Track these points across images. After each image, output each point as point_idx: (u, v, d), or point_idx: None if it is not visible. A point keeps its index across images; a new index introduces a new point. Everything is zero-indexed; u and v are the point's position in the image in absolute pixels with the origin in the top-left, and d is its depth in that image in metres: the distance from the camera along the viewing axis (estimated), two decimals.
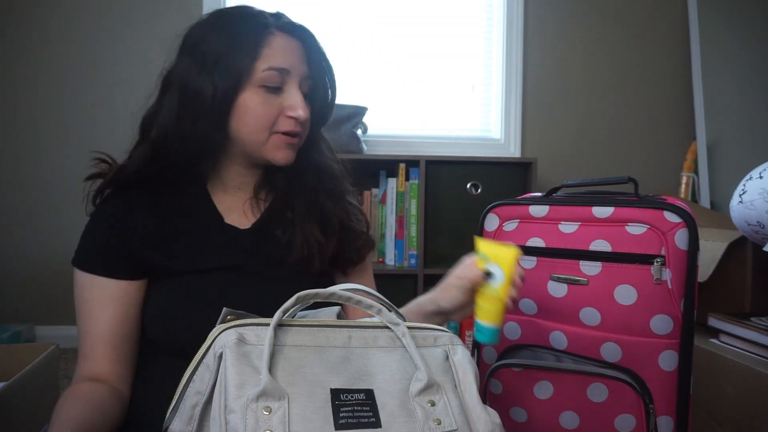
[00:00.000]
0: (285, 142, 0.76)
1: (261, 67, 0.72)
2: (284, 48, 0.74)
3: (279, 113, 0.75)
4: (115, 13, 2.22)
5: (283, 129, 0.75)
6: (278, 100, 0.75)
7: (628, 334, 0.74)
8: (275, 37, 0.74)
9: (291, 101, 0.74)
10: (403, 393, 0.55)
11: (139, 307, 0.74)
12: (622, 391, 0.73)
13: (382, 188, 2.13)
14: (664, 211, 0.72)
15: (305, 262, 0.78)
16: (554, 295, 0.80)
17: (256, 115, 0.73)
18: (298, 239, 0.78)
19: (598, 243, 0.76)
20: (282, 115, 0.75)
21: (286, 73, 0.74)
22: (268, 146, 0.76)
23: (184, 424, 0.52)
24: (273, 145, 0.76)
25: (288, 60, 0.74)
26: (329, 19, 2.33)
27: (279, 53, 0.74)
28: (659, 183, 2.38)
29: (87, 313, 0.72)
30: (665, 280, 0.72)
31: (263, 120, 0.74)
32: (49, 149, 2.22)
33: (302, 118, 0.75)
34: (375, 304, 0.60)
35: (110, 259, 0.73)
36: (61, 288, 2.19)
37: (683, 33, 2.39)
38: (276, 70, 0.73)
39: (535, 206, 0.83)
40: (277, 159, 0.76)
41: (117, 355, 0.72)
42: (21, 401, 0.97)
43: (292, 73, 0.75)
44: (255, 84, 0.73)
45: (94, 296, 0.72)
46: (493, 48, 2.41)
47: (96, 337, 0.72)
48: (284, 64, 0.74)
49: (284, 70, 0.74)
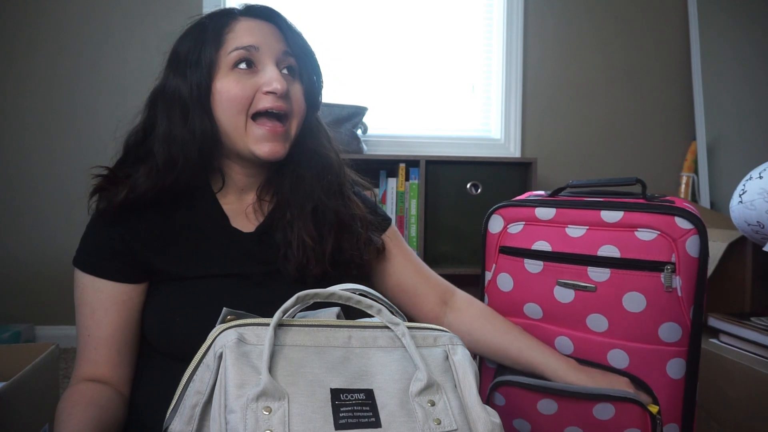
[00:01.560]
0: (267, 132, 0.73)
1: (227, 50, 0.72)
2: (250, 29, 0.74)
3: (255, 92, 0.73)
4: (114, 13, 2.22)
5: (261, 106, 0.72)
6: (254, 79, 0.73)
7: (635, 342, 0.72)
8: (239, 22, 0.74)
9: (266, 77, 0.73)
10: (403, 393, 0.54)
11: (140, 311, 0.74)
12: (629, 408, 0.70)
13: (382, 188, 2.13)
14: (675, 217, 0.70)
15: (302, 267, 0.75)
16: (561, 301, 0.78)
17: (231, 97, 0.72)
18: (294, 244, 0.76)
19: (607, 248, 0.74)
20: (259, 93, 0.73)
21: (255, 50, 0.73)
22: (249, 137, 0.73)
23: (184, 424, 0.52)
24: (254, 136, 0.73)
25: (254, 38, 0.73)
26: (329, 20, 2.33)
27: (244, 34, 0.73)
28: (659, 183, 2.38)
29: (88, 315, 0.72)
30: (675, 287, 0.70)
31: (239, 101, 0.72)
32: (49, 150, 2.22)
33: (279, 90, 0.72)
34: (375, 304, 0.60)
35: (113, 262, 0.72)
36: (61, 288, 2.19)
37: (683, 33, 2.39)
38: (242, 48, 0.72)
39: (542, 208, 0.81)
40: (261, 152, 0.73)
41: (119, 358, 0.72)
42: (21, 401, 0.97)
43: (262, 49, 0.73)
44: (226, 68, 0.73)
45: (97, 299, 0.72)
46: (493, 48, 2.41)
47: (98, 339, 0.71)
48: (250, 41, 0.73)
49: (251, 47, 0.73)
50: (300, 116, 0.78)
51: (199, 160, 0.74)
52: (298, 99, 0.77)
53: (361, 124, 2.19)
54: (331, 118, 2.02)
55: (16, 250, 2.21)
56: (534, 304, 0.81)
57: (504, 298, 0.84)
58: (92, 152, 2.20)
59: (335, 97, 2.22)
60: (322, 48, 2.30)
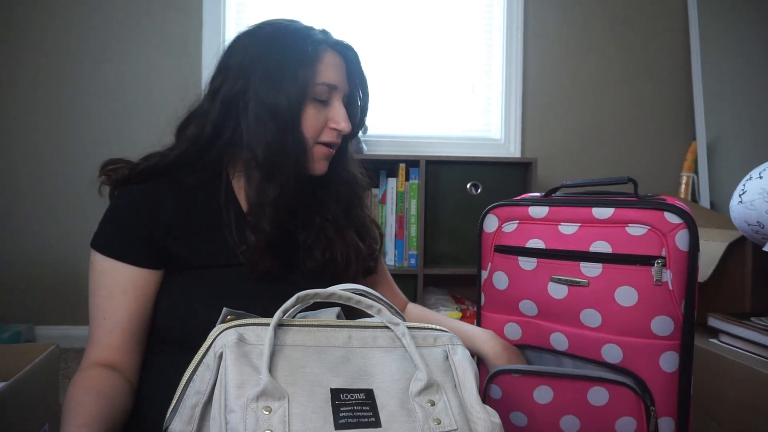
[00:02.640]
0: (324, 153, 0.81)
1: (317, 81, 0.77)
2: (334, 65, 0.80)
3: (324, 125, 0.79)
4: (114, 13, 2.22)
5: (325, 139, 0.80)
6: (324, 112, 0.79)
7: (628, 336, 0.74)
8: (327, 54, 0.79)
9: (336, 115, 0.79)
10: (403, 393, 0.55)
11: (153, 300, 0.75)
12: (622, 394, 0.72)
13: (382, 188, 2.13)
14: (665, 212, 0.72)
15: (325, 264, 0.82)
16: (555, 297, 0.80)
17: (310, 125, 0.78)
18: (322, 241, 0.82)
19: (599, 244, 0.76)
20: (326, 127, 0.80)
21: (333, 89, 0.79)
22: (313, 155, 0.80)
23: (184, 424, 0.52)
24: (317, 155, 0.80)
25: (337, 77, 0.79)
26: (329, 19, 2.33)
27: (330, 69, 0.79)
28: (659, 183, 2.39)
29: (105, 298, 0.72)
30: (666, 281, 0.72)
31: (314, 130, 0.78)
32: (49, 150, 2.22)
33: (345, 131, 0.80)
34: (375, 304, 0.60)
35: (134, 246, 0.73)
36: (61, 288, 2.19)
37: (683, 33, 2.40)
38: (327, 85, 0.78)
39: (535, 207, 0.83)
40: (315, 169, 0.81)
41: (132, 344, 0.73)
42: (21, 401, 0.97)
43: (339, 88, 0.80)
44: (310, 96, 0.77)
45: (115, 282, 0.72)
46: (493, 48, 2.41)
47: (113, 323, 0.71)
48: (334, 80, 0.79)
49: (333, 86, 0.79)
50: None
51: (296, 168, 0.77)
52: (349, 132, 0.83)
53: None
54: None
55: (16, 251, 2.21)
56: (529, 301, 0.83)
57: (500, 296, 0.86)
58: (93, 152, 2.21)
59: None
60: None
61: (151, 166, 0.77)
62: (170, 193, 0.76)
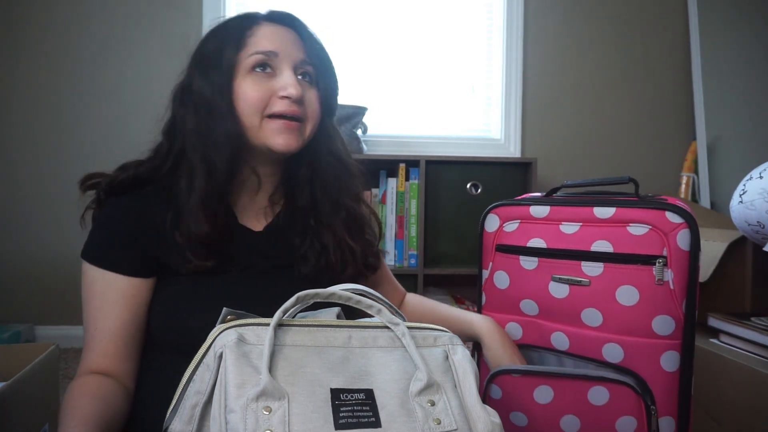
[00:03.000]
0: (280, 126, 0.76)
1: (247, 53, 0.75)
2: (270, 34, 0.77)
3: (271, 95, 0.76)
4: (114, 13, 2.22)
5: (276, 110, 0.75)
6: (270, 83, 0.76)
7: (629, 335, 0.74)
8: (261, 27, 0.77)
9: (282, 82, 0.76)
10: (403, 393, 0.55)
11: (146, 307, 0.74)
12: (623, 393, 0.72)
13: (382, 188, 2.13)
14: (666, 212, 0.72)
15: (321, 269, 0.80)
16: (556, 296, 0.80)
17: (248, 98, 0.75)
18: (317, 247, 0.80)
19: (600, 244, 0.76)
20: (274, 97, 0.76)
21: (273, 55, 0.76)
22: (264, 131, 0.76)
23: (184, 424, 0.52)
24: (269, 129, 0.76)
25: (274, 43, 0.76)
26: (329, 19, 2.33)
27: (264, 39, 0.76)
28: (659, 183, 2.38)
29: (97, 308, 0.72)
30: (667, 280, 0.72)
31: (255, 102, 0.75)
32: (49, 150, 2.22)
33: (294, 95, 0.75)
34: (375, 304, 0.60)
35: (125, 255, 0.72)
36: (60, 288, 2.19)
37: (683, 33, 2.39)
38: (261, 53, 0.75)
39: (536, 207, 0.83)
40: (276, 144, 0.76)
41: (127, 351, 0.73)
42: (21, 401, 0.97)
43: (281, 55, 0.76)
44: (245, 70, 0.75)
45: (106, 292, 0.72)
46: (493, 48, 2.41)
47: (106, 332, 0.71)
48: (269, 47, 0.76)
49: (271, 53, 0.76)
50: (314, 120, 0.81)
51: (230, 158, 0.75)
52: (312, 104, 0.79)
53: (361, 124, 2.19)
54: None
55: (17, 251, 2.21)
56: (530, 301, 0.83)
57: (500, 295, 0.86)
58: (93, 152, 2.21)
59: None
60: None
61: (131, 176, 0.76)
62: (157, 200, 0.75)
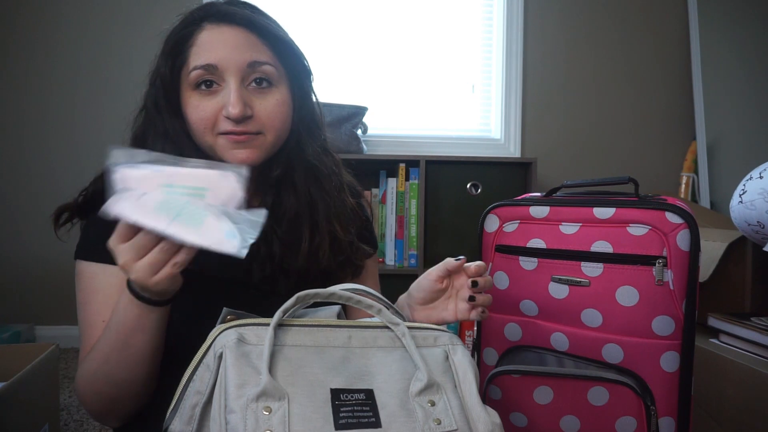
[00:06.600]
0: (231, 143, 0.69)
1: (188, 70, 0.69)
2: (211, 41, 0.68)
3: (218, 113, 0.69)
4: (114, 13, 2.22)
5: (223, 129, 0.69)
6: (215, 100, 0.69)
7: (629, 336, 0.74)
8: (202, 32, 0.69)
9: (224, 100, 0.68)
10: (403, 393, 0.54)
11: None
12: (622, 393, 0.72)
13: (382, 188, 2.13)
14: (666, 212, 0.72)
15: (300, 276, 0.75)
16: (555, 297, 0.80)
17: (193, 122, 0.69)
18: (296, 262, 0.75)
19: (600, 244, 0.76)
20: (221, 114, 0.68)
21: (213, 69, 0.68)
22: (220, 148, 0.70)
23: (184, 424, 0.52)
24: (222, 147, 0.70)
25: (214, 53, 0.68)
26: (329, 19, 2.32)
27: (203, 49, 0.68)
28: (659, 183, 2.39)
29: (102, 302, 0.69)
30: (667, 281, 0.72)
31: (201, 125, 0.69)
32: (49, 149, 2.22)
33: (233, 115, 0.67)
34: (375, 304, 0.60)
35: None
36: (61, 288, 2.19)
37: (683, 33, 2.39)
38: (199, 68, 0.68)
39: (536, 207, 0.83)
40: (234, 160, 0.69)
41: None
42: (21, 401, 0.97)
43: (221, 66, 0.68)
44: (189, 88, 0.69)
45: (109, 284, 0.69)
46: (493, 48, 2.41)
47: None
48: (209, 60, 0.68)
49: (210, 66, 0.68)
50: (276, 128, 0.72)
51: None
52: (269, 112, 0.71)
53: (361, 124, 2.20)
54: (330, 118, 2.02)
55: (17, 251, 2.21)
56: (529, 301, 0.83)
57: (500, 296, 0.86)
58: (93, 153, 2.20)
59: (335, 97, 2.22)
60: (322, 48, 2.31)
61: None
62: None
